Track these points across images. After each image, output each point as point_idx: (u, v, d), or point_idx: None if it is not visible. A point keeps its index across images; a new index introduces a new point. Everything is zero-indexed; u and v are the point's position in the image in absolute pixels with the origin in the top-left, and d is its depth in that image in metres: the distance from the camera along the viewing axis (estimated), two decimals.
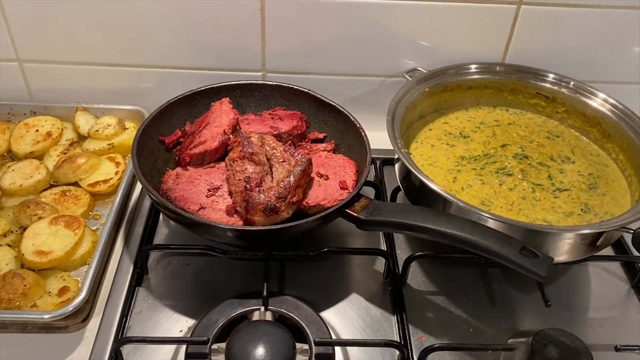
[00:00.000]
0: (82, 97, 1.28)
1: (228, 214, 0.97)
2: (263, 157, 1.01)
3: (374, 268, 1.06)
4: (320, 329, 0.88)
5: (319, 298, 0.98)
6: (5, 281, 0.89)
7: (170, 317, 0.95)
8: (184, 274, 1.02)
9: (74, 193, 1.08)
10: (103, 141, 1.18)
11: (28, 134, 1.19)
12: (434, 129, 1.19)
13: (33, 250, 0.94)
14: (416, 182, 1.02)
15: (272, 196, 0.95)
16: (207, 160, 1.06)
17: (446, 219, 0.87)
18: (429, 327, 0.96)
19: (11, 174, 1.09)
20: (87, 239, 0.99)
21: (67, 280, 0.94)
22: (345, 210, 0.95)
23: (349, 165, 1.07)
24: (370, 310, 0.98)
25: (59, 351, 0.89)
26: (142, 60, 1.27)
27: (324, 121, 1.18)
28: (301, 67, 1.27)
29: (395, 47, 1.24)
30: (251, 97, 1.20)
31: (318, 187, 1.03)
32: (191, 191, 1.01)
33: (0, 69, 1.24)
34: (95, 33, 1.21)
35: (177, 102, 1.14)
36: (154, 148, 1.10)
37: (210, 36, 1.23)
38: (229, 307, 0.91)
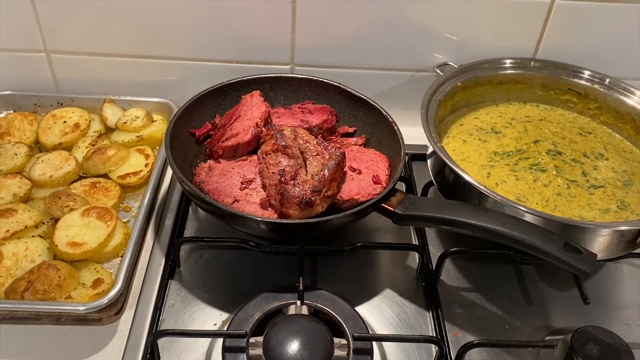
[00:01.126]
0: (108, 88, 1.27)
1: (262, 207, 0.97)
2: (296, 150, 1.00)
3: (406, 264, 1.05)
4: (357, 324, 0.87)
5: (352, 293, 0.97)
6: (40, 272, 0.88)
7: (203, 311, 0.94)
8: (216, 267, 1.01)
9: (103, 185, 1.07)
10: (131, 133, 1.17)
11: (56, 125, 1.18)
12: (465, 124, 1.18)
13: (66, 242, 0.93)
14: (450, 177, 1.02)
15: (307, 189, 0.94)
16: (239, 153, 1.05)
17: (487, 214, 0.86)
18: (464, 324, 0.95)
19: (41, 165, 1.08)
20: (119, 231, 0.99)
21: (101, 272, 0.93)
22: (382, 205, 0.94)
23: (382, 160, 1.06)
24: (405, 306, 0.97)
25: (94, 343, 0.89)
26: (169, 52, 1.26)
27: (354, 115, 1.17)
28: (329, 60, 1.25)
29: (426, 41, 1.23)
30: (280, 90, 1.19)
31: (351, 182, 1.02)
32: (224, 184, 1.00)
33: (27, 59, 1.24)
34: (123, 24, 1.21)
35: (207, 94, 1.13)
36: (185, 140, 1.09)
37: (238, 28, 1.22)
38: (265, 300, 0.90)
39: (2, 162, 1.10)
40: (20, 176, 1.06)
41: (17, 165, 1.10)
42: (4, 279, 0.90)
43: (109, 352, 0.88)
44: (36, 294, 0.87)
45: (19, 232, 0.96)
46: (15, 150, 1.12)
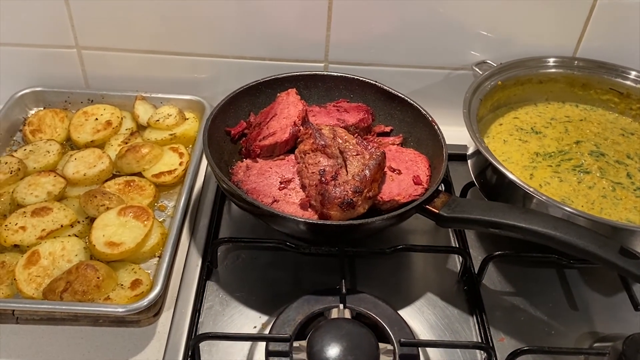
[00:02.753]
0: (138, 85, 1.26)
1: (302, 208, 0.94)
2: (336, 149, 0.98)
3: (446, 267, 1.02)
4: (402, 329, 0.85)
5: (392, 296, 0.94)
6: (79, 273, 0.86)
7: (242, 313, 0.92)
8: (253, 268, 0.99)
9: (138, 183, 1.05)
10: (164, 131, 1.16)
11: (87, 123, 1.17)
12: (505, 124, 1.15)
13: (104, 242, 0.92)
14: (494, 178, 0.99)
15: (349, 190, 0.92)
16: (276, 152, 1.03)
17: (537, 217, 0.84)
18: (508, 329, 0.93)
19: (74, 162, 1.07)
20: (156, 230, 0.97)
21: (139, 273, 0.91)
22: (426, 207, 0.92)
23: (421, 160, 1.04)
24: (447, 310, 0.95)
25: (132, 346, 0.87)
26: (199, 49, 1.24)
27: (390, 114, 1.15)
28: (363, 58, 1.23)
29: (462, 39, 1.20)
30: (314, 88, 1.17)
31: (391, 182, 0.99)
32: (263, 184, 0.98)
33: (58, 55, 1.22)
34: (153, 20, 1.19)
35: (243, 92, 1.11)
36: (221, 139, 1.07)
37: (271, 25, 1.19)
38: (306, 303, 0.88)
39: (35, 159, 1.09)
40: (54, 174, 1.04)
41: (49, 163, 1.08)
42: (41, 278, 0.89)
43: (148, 354, 0.86)
44: (75, 295, 0.85)
45: (54, 231, 0.95)
46: (47, 148, 1.11)
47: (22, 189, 1.01)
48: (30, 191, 1.01)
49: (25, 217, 0.96)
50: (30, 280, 0.88)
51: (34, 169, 1.07)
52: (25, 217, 0.96)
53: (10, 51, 1.22)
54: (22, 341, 0.87)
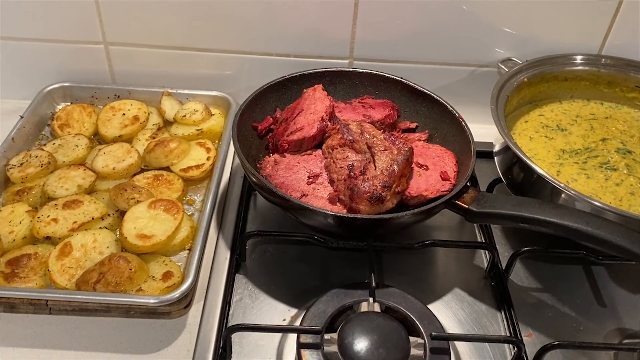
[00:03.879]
0: (163, 81, 1.27)
1: (331, 202, 0.95)
2: (363, 145, 0.98)
3: (473, 262, 1.03)
4: (432, 323, 0.85)
5: (419, 291, 0.95)
6: (112, 264, 0.87)
7: (271, 305, 0.93)
8: (281, 262, 1.00)
9: (166, 178, 1.06)
10: (191, 127, 1.17)
11: (115, 118, 1.18)
12: (530, 121, 1.15)
13: (135, 234, 0.93)
14: (521, 174, 0.99)
15: (378, 185, 0.92)
16: (304, 147, 1.04)
17: (569, 212, 0.84)
18: (536, 324, 0.93)
19: (103, 156, 1.08)
20: (186, 223, 0.98)
21: (169, 265, 0.92)
22: (455, 202, 0.92)
23: (448, 156, 1.04)
24: (475, 306, 0.95)
25: (164, 337, 0.88)
26: (224, 45, 1.25)
27: (416, 110, 1.15)
28: (388, 54, 1.23)
29: (488, 36, 1.20)
30: (340, 84, 1.17)
31: (419, 178, 1.00)
32: (291, 178, 0.99)
33: (86, 51, 1.23)
34: (180, 17, 1.20)
35: (269, 88, 1.12)
36: (248, 134, 1.07)
37: (296, 22, 1.20)
38: (336, 297, 0.88)
39: (64, 153, 1.10)
40: (83, 168, 1.05)
41: (78, 157, 1.10)
42: (73, 270, 0.90)
43: (180, 345, 0.87)
44: (108, 286, 0.86)
45: (85, 223, 0.96)
46: (76, 142, 1.12)
47: (52, 182, 1.03)
48: (61, 184, 1.02)
49: (57, 209, 0.97)
50: (63, 271, 0.89)
51: (63, 162, 1.08)
52: (56, 209, 0.97)
53: (38, 47, 1.24)
54: (55, 331, 0.88)
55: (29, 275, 0.90)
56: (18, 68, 1.28)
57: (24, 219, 0.96)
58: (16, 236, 0.94)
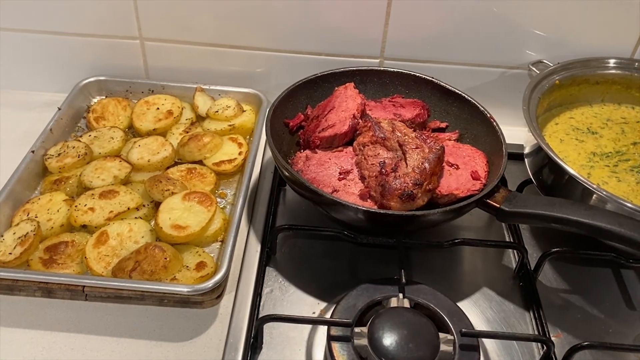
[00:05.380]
0: (195, 77, 1.29)
1: (362, 198, 0.96)
2: (395, 142, 0.99)
3: (501, 263, 1.03)
4: (461, 320, 0.85)
5: (448, 289, 0.95)
6: (147, 253, 0.89)
7: (300, 298, 0.95)
8: (310, 256, 1.01)
9: (199, 171, 1.08)
10: (223, 122, 1.19)
11: (149, 112, 1.20)
12: (560, 124, 1.15)
13: (170, 224, 0.95)
14: (552, 175, 1.00)
15: (409, 182, 0.93)
16: (335, 143, 1.05)
17: (601, 213, 0.84)
18: (564, 325, 0.93)
19: (138, 149, 1.10)
20: (218, 216, 1.00)
21: (203, 256, 0.94)
22: (487, 201, 0.92)
23: (479, 156, 1.05)
24: (503, 305, 0.95)
25: (196, 326, 0.90)
26: (256, 42, 1.26)
27: (446, 110, 1.16)
28: (418, 54, 1.24)
29: (519, 38, 1.20)
30: (370, 83, 1.19)
31: (449, 177, 1.00)
32: (322, 174, 1.00)
33: (122, 46, 1.26)
34: (214, 14, 1.22)
35: (301, 85, 1.13)
36: (280, 130, 1.09)
37: (328, 21, 1.21)
38: (365, 292, 0.89)
39: (100, 145, 1.12)
40: (119, 159, 1.08)
41: (114, 149, 1.12)
42: (109, 258, 0.92)
43: (212, 335, 0.89)
44: (143, 274, 0.88)
45: (121, 213, 0.98)
46: (111, 134, 1.15)
47: (89, 172, 1.05)
48: (97, 175, 1.05)
49: (94, 199, 0.99)
50: (99, 259, 0.91)
51: (99, 154, 1.11)
52: (93, 199, 0.99)
53: (75, 41, 1.27)
54: (91, 317, 0.90)
55: (66, 262, 0.92)
56: (54, 62, 1.31)
57: (62, 207, 0.99)
58: (54, 224, 0.97)
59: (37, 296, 0.91)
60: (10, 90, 1.35)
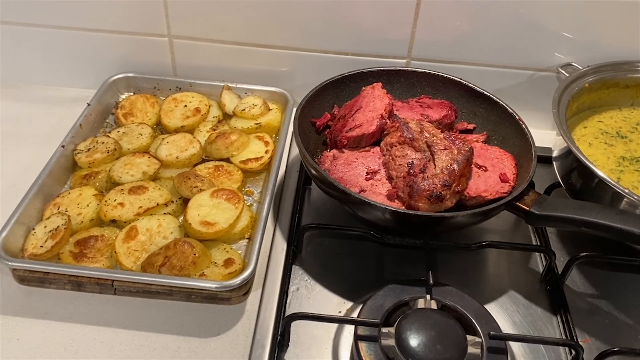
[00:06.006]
0: (222, 75, 1.29)
1: (389, 199, 0.96)
2: (423, 143, 0.99)
3: (528, 266, 1.02)
4: (489, 323, 0.85)
5: (475, 291, 0.95)
6: (177, 249, 0.90)
7: (326, 297, 0.95)
8: (336, 255, 1.02)
9: (226, 169, 1.09)
10: (249, 120, 1.19)
11: (177, 109, 1.21)
12: (589, 127, 1.14)
13: (199, 221, 0.95)
14: (582, 178, 0.99)
15: (438, 183, 0.93)
16: (362, 143, 1.05)
17: (633, 218, 0.83)
18: (593, 330, 0.92)
19: (166, 146, 1.11)
20: (246, 213, 1.00)
21: (230, 253, 0.94)
22: (516, 204, 0.92)
23: (507, 158, 1.04)
24: (530, 309, 0.95)
25: (223, 322, 0.90)
26: (282, 42, 1.27)
27: (474, 112, 1.15)
28: (446, 55, 1.24)
29: (549, 40, 1.19)
30: (397, 83, 1.18)
31: (477, 178, 1.00)
32: (349, 173, 1.00)
33: (150, 43, 1.27)
34: (242, 12, 1.22)
35: (328, 85, 1.13)
36: (307, 129, 1.09)
37: (355, 21, 1.21)
38: (392, 292, 0.89)
39: (128, 141, 1.14)
40: (148, 155, 1.09)
41: (142, 145, 1.13)
42: (139, 253, 0.93)
43: (239, 331, 0.89)
44: (172, 270, 0.89)
45: (150, 209, 0.99)
46: (139, 131, 1.16)
47: (118, 168, 1.06)
48: (126, 170, 1.06)
49: (123, 194, 1.00)
50: (129, 253, 0.92)
51: (128, 149, 1.12)
52: (123, 194, 1.00)
53: (103, 37, 1.28)
54: (119, 312, 0.91)
55: (96, 256, 0.93)
56: (82, 58, 1.32)
57: (91, 202, 1.00)
58: (84, 218, 0.98)
59: (67, 289, 0.93)
60: (39, 85, 1.36)
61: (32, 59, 1.33)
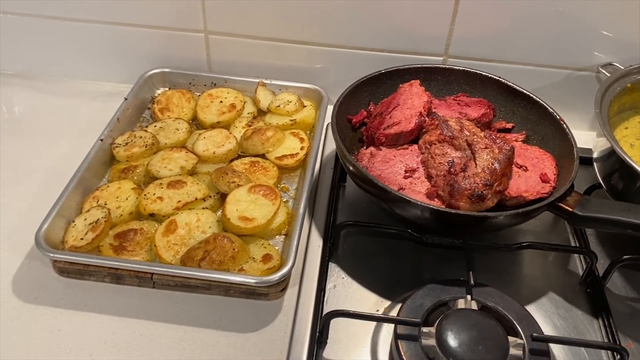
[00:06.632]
0: (256, 71, 1.29)
1: (429, 197, 0.95)
2: (463, 142, 0.98)
3: (567, 268, 1.01)
4: (531, 325, 0.84)
5: (513, 292, 0.93)
6: (216, 243, 0.90)
7: (364, 295, 0.94)
8: (372, 253, 1.01)
9: (262, 165, 1.09)
10: (284, 117, 1.19)
11: (213, 105, 1.21)
12: (630, 128, 1.12)
13: (237, 216, 0.95)
14: (624, 179, 0.97)
15: (479, 183, 0.92)
16: (400, 141, 1.04)
17: None
18: (636, 335, 0.90)
19: (203, 141, 1.11)
20: (282, 210, 1.00)
21: (268, 248, 0.94)
22: (559, 204, 0.91)
23: (547, 158, 1.02)
24: (571, 311, 0.93)
25: (261, 318, 0.90)
26: (316, 38, 1.26)
27: (512, 111, 1.14)
28: (483, 53, 1.22)
29: (588, 39, 1.17)
30: (433, 81, 1.17)
31: (518, 178, 0.99)
32: (387, 171, 1.00)
33: (186, 39, 1.28)
34: (277, 8, 1.22)
35: (364, 82, 1.13)
36: (343, 126, 1.09)
37: (392, 17, 1.20)
38: (432, 292, 0.89)
39: (165, 136, 1.14)
40: (185, 150, 1.09)
41: (179, 140, 1.14)
42: (178, 247, 0.93)
43: (277, 327, 0.89)
44: (212, 264, 0.89)
45: (189, 203, 0.99)
46: (176, 126, 1.16)
47: (156, 162, 1.07)
48: (164, 165, 1.06)
49: (162, 188, 1.01)
50: (168, 247, 0.93)
51: (165, 144, 1.12)
52: (162, 188, 1.01)
53: (140, 32, 1.28)
54: (158, 305, 0.91)
55: (135, 249, 0.94)
56: (117, 52, 1.33)
57: (130, 195, 1.01)
58: (123, 211, 0.99)
59: (106, 282, 0.93)
60: (74, 79, 1.38)
61: (67, 54, 1.35)
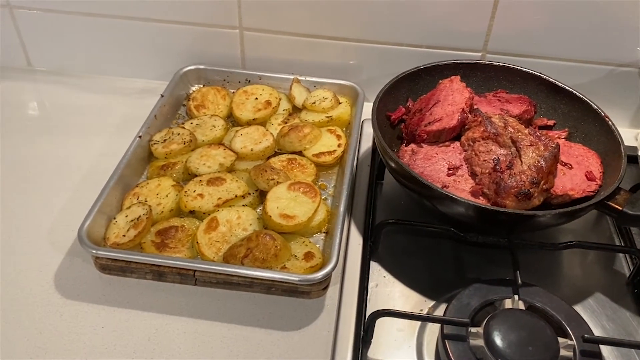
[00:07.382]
0: (290, 68, 1.29)
1: (473, 196, 0.94)
2: (507, 139, 0.97)
3: (613, 267, 0.99)
4: (581, 326, 0.82)
5: (560, 292, 0.91)
6: (259, 241, 0.90)
7: (406, 295, 0.93)
8: (413, 252, 1.00)
9: (299, 162, 1.08)
10: (320, 114, 1.18)
11: (248, 101, 1.21)
12: None
13: (278, 213, 0.95)
14: None
15: (526, 180, 0.90)
16: (442, 138, 1.03)
17: None
18: None
19: (240, 138, 1.11)
20: (322, 207, 0.99)
21: (310, 246, 0.94)
22: (608, 203, 0.89)
23: (592, 156, 1.00)
24: (619, 312, 0.92)
25: (303, 316, 0.90)
26: (350, 34, 1.25)
27: (554, 107, 1.12)
28: (522, 49, 1.20)
29: (631, 35, 1.14)
30: (473, 77, 1.15)
31: (563, 176, 0.97)
32: (430, 169, 0.98)
33: (221, 35, 1.27)
34: (312, 4, 1.21)
35: (403, 78, 1.11)
36: (382, 123, 1.07)
37: (430, 13, 1.19)
38: (478, 291, 0.87)
39: (202, 133, 1.14)
40: (223, 147, 1.09)
41: (216, 137, 1.13)
42: (220, 244, 0.93)
43: (320, 326, 0.88)
44: (255, 262, 0.89)
45: (229, 200, 0.99)
46: (212, 123, 1.16)
47: (194, 159, 1.07)
48: (203, 162, 1.06)
49: (202, 185, 1.01)
50: (210, 244, 0.93)
51: (202, 141, 1.12)
52: (201, 185, 1.01)
53: (174, 29, 1.28)
54: (200, 302, 0.91)
55: (177, 246, 0.94)
56: (151, 49, 1.33)
57: (170, 192, 1.01)
58: (164, 208, 0.99)
59: (148, 279, 0.93)
60: (108, 76, 1.38)
61: (102, 50, 1.35)
